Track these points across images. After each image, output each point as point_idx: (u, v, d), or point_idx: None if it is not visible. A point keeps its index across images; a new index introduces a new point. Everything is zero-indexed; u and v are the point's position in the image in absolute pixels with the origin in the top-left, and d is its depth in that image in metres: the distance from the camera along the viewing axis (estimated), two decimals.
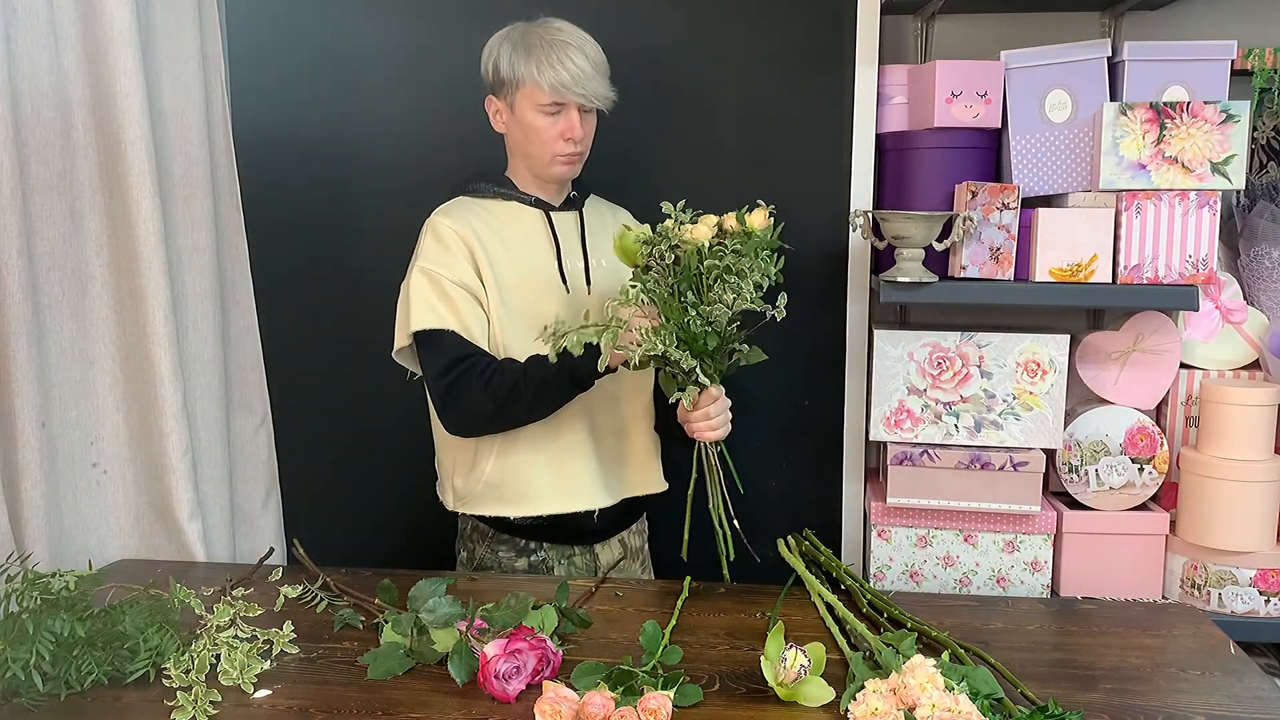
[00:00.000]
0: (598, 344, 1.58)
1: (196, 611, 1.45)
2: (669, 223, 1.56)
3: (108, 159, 1.77)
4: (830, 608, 1.58)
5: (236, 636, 1.41)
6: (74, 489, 1.80)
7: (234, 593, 1.55)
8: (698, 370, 1.58)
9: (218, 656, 1.37)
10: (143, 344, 1.81)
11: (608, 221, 1.87)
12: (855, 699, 1.26)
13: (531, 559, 1.82)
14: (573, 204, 1.83)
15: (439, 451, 1.86)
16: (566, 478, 1.77)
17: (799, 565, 1.70)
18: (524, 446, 1.76)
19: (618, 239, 1.61)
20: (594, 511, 1.80)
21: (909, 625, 1.50)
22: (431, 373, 1.69)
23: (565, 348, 1.59)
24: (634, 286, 1.56)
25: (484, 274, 1.70)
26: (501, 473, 1.77)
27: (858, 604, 1.60)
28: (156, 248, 1.78)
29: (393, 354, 1.76)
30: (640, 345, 1.54)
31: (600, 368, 1.59)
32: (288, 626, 1.46)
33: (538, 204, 1.78)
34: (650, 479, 1.87)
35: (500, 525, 1.82)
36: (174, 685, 1.32)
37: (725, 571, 1.69)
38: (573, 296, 1.77)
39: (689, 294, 1.55)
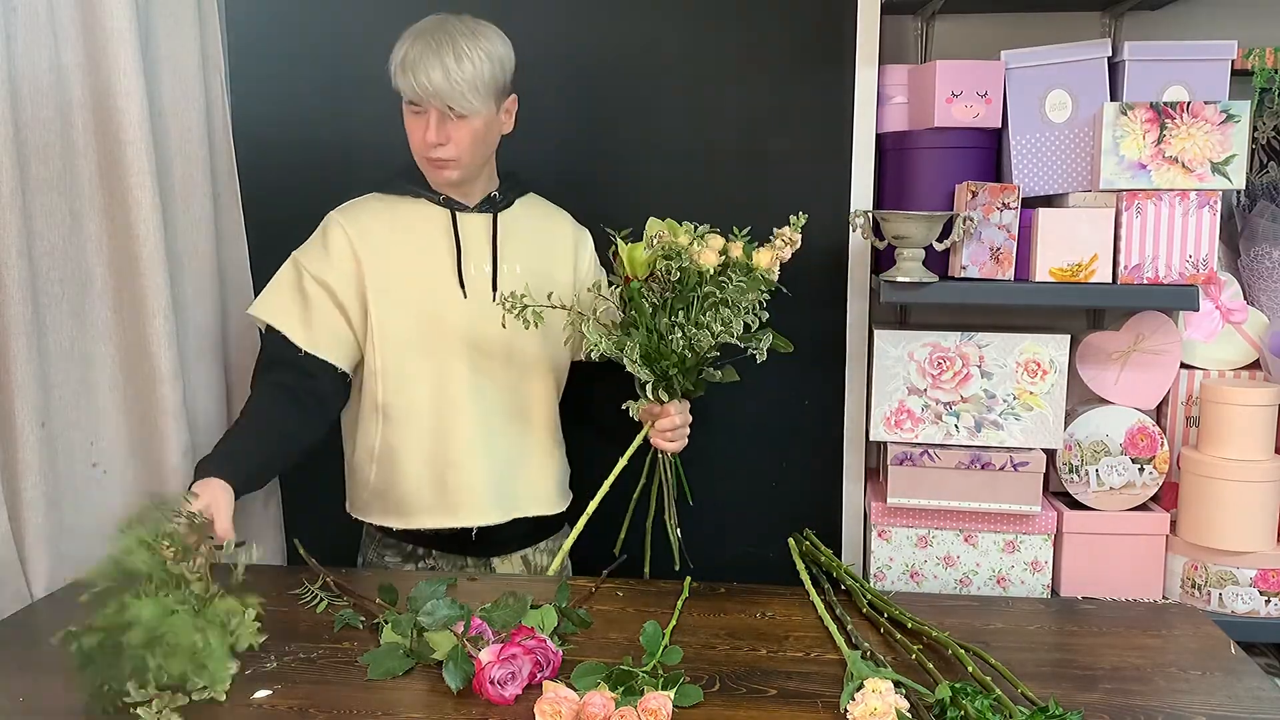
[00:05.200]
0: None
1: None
2: (684, 239, 1.57)
3: (108, 159, 1.77)
4: (830, 607, 1.58)
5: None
6: (74, 489, 1.80)
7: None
8: (649, 386, 1.61)
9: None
10: (143, 344, 1.81)
11: (538, 225, 1.80)
12: (854, 699, 1.26)
13: (419, 565, 1.81)
14: (492, 205, 1.76)
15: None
16: (449, 491, 1.73)
17: (800, 565, 1.70)
18: (406, 456, 1.73)
19: (627, 248, 1.61)
20: (472, 530, 1.76)
21: (909, 625, 1.50)
22: (259, 359, 1.74)
23: None
24: (611, 289, 1.63)
25: (365, 273, 1.69)
26: (384, 482, 1.76)
27: (858, 604, 1.60)
28: (156, 248, 1.78)
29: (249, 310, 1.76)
30: (596, 345, 1.58)
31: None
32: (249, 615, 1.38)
33: (447, 203, 1.73)
34: (544, 498, 1.82)
35: (386, 530, 1.81)
36: (132, 701, 1.27)
37: (645, 571, 1.73)
38: (471, 300, 1.71)
39: (680, 313, 1.57)
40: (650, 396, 1.63)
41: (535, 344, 1.76)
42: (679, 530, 1.71)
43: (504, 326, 1.61)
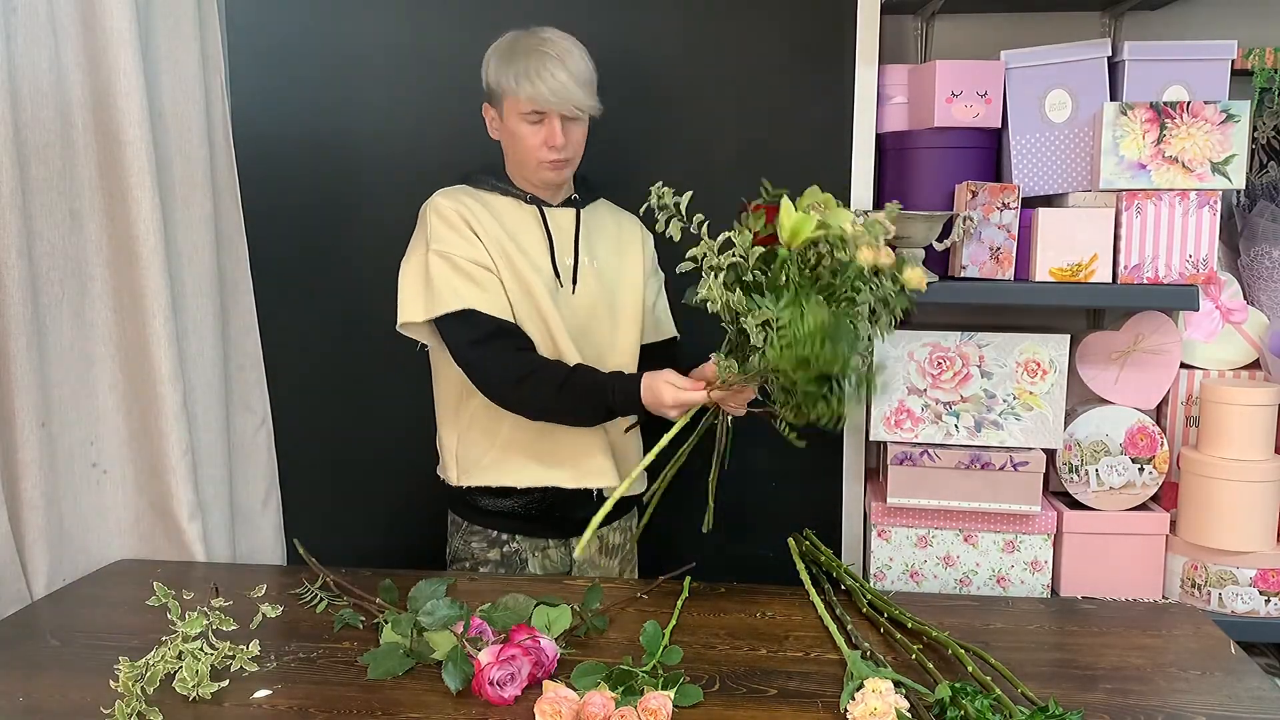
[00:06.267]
0: (638, 385, 1.62)
1: (171, 617, 1.39)
2: (849, 227, 1.45)
3: (108, 159, 1.77)
4: (830, 607, 1.58)
5: (201, 649, 1.35)
6: (74, 489, 1.80)
7: (214, 603, 1.50)
8: (754, 367, 1.47)
9: (170, 675, 1.32)
10: (142, 344, 1.81)
11: (608, 226, 1.87)
12: (854, 699, 1.26)
13: (504, 550, 1.84)
14: (571, 204, 1.83)
15: (443, 423, 1.86)
16: (577, 453, 1.79)
17: (800, 565, 1.70)
18: (524, 431, 1.77)
19: (795, 216, 1.45)
20: (597, 490, 1.80)
21: (909, 625, 1.50)
22: (460, 350, 1.73)
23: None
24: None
25: (490, 250, 1.74)
26: (513, 442, 1.79)
27: (857, 604, 1.60)
28: (156, 248, 1.78)
29: (397, 327, 1.75)
30: (714, 301, 1.46)
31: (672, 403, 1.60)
32: (254, 644, 1.40)
33: (533, 200, 1.80)
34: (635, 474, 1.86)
35: (473, 515, 1.84)
36: (118, 690, 1.27)
37: (707, 521, 1.73)
38: (562, 292, 1.79)
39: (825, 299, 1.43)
40: (747, 371, 1.50)
41: (614, 329, 1.83)
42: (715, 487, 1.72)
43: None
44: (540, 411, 1.73)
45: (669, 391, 1.61)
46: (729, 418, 1.69)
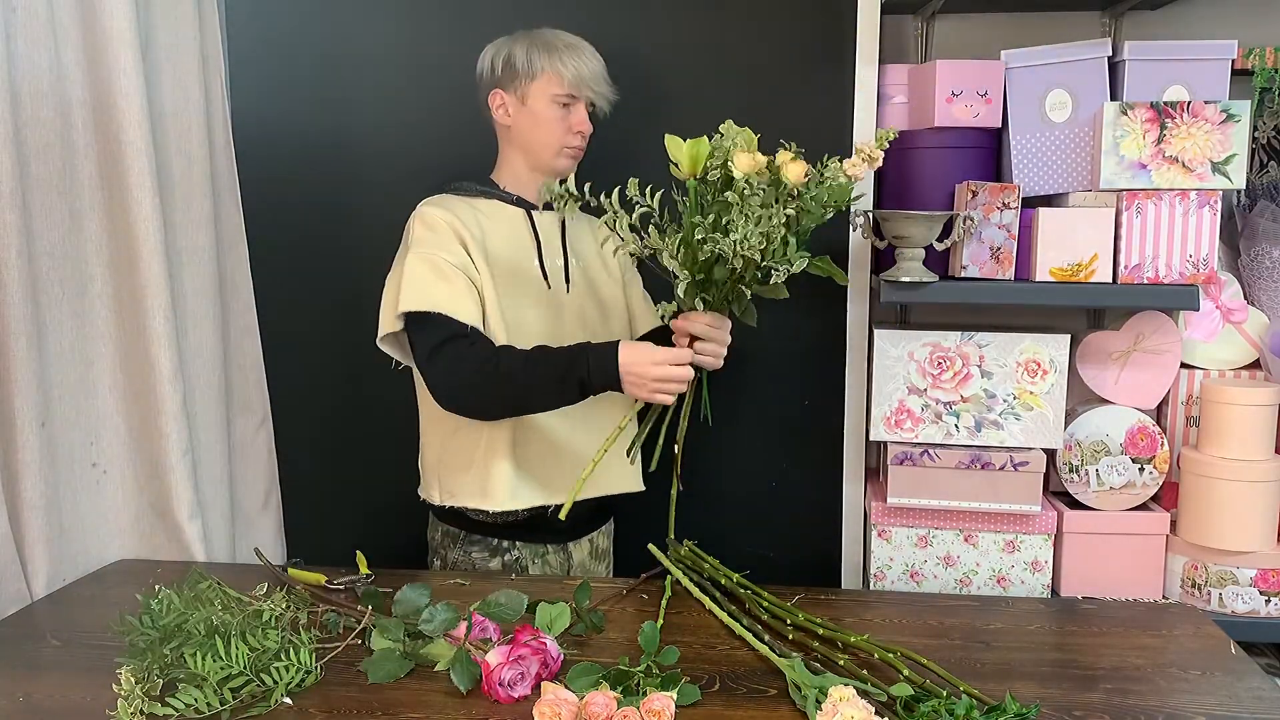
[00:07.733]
0: (614, 351, 1.58)
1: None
2: (727, 143, 1.54)
3: (108, 159, 1.77)
4: (735, 617, 1.53)
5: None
6: (74, 489, 1.80)
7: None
8: (681, 285, 1.57)
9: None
10: (142, 344, 1.81)
11: (583, 227, 1.87)
12: (821, 709, 1.21)
13: (505, 559, 1.82)
14: (552, 205, 1.81)
15: (425, 447, 1.85)
16: (547, 473, 1.76)
17: (677, 572, 1.67)
18: (510, 443, 1.74)
19: (688, 144, 1.54)
20: (555, 507, 1.75)
21: (821, 633, 1.45)
22: (422, 354, 1.67)
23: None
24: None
25: (475, 259, 1.71)
26: (492, 464, 1.75)
27: (755, 613, 1.54)
28: (156, 248, 1.78)
29: (376, 341, 1.72)
30: (637, 245, 1.58)
31: (620, 374, 1.57)
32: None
33: (520, 203, 1.80)
34: (632, 475, 1.85)
35: (472, 526, 1.81)
36: (120, 693, 1.27)
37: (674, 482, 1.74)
38: (553, 294, 1.79)
39: (712, 217, 1.53)
40: (681, 295, 1.59)
41: (608, 327, 1.84)
42: (677, 447, 1.69)
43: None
44: (501, 400, 1.65)
45: (648, 353, 1.56)
46: (704, 373, 1.68)
